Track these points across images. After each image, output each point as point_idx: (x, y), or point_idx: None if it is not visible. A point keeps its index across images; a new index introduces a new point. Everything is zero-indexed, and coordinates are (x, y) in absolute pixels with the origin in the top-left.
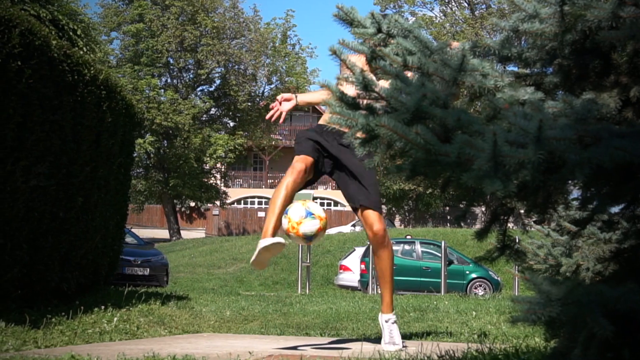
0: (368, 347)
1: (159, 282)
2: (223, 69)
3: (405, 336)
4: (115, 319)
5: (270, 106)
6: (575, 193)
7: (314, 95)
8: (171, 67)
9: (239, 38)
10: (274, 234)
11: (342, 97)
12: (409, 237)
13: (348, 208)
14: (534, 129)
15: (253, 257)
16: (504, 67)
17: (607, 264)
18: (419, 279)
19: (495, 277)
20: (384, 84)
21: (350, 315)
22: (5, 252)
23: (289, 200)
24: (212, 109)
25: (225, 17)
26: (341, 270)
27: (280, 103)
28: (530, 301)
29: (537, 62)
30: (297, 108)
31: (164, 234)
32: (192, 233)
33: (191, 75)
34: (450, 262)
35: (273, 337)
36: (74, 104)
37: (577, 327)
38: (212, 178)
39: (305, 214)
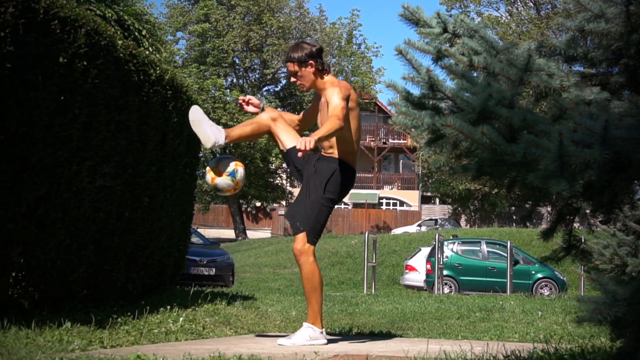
0: (434, 347)
1: (225, 282)
2: None
3: (471, 336)
4: (181, 319)
5: (240, 99)
6: None
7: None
8: (237, 67)
9: (305, 38)
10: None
11: (407, 97)
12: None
13: (414, 208)
14: (600, 128)
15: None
16: (570, 67)
17: None
18: (484, 279)
19: (561, 277)
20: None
21: (416, 315)
22: (71, 252)
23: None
24: (278, 109)
25: (291, 17)
26: (407, 270)
27: (247, 103)
28: (596, 301)
29: (603, 62)
30: (361, 108)
31: (229, 233)
32: (257, 233)
33: (257, 75)
34: (516, 262)
35: (338, 337)
36: (139, 104)
37: None
38: (278, 178)
39: (231, 178)
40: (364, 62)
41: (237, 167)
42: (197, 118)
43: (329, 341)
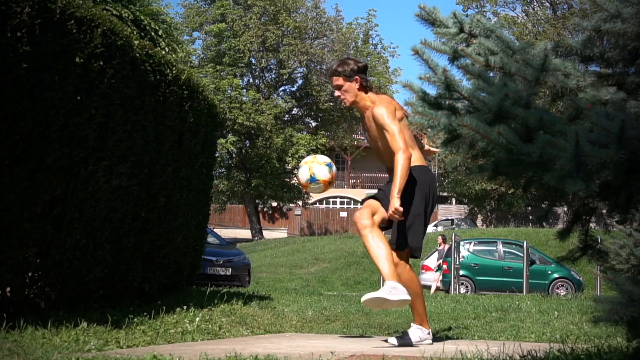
0: (450, 347)
1: (241, 282)
2: (305, 69)
3: (487, 336)
4: (197, 319)
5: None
6: None
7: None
8: (253, 67)
9: (321, 38)
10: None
11: (424, 97)
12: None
13: None
14: (616, 129)
15: (372, 298)
16: (586, 67)
17: None
18: (501, 278)
19: (578, 277)
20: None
21: (433, 315)
22: (87, 252)
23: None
24: (294, 109)
25: (307, 17)
26: (423, 270)
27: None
28: (612, 301)
29: (619, 62)
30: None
31: (246, 234)
32: (274, 233)
33: (273, 75)
34: (533, 262)
35: (355, 337)
36: (156, 104)
37: None
38: (294, 178)
39: (309, 179)
40: (381, 62)
41: (310, 169)
42: (378, 302)
43: (346, 340)
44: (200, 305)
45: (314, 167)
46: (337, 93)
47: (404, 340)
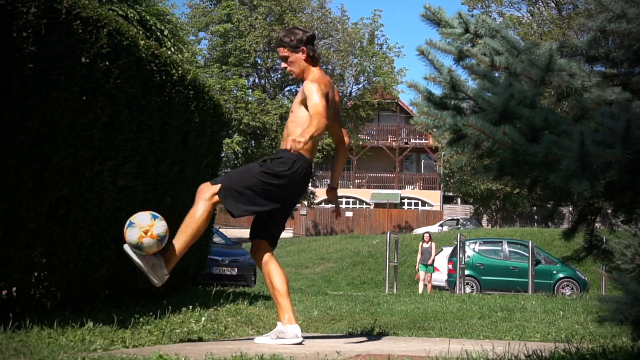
0: (455, 347)
1: (247, 282)
2: None
3: (492, 335)
4: (203, 318)
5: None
6: None
7: (335, 172)
8: (259, 67)
9: (327, 38)
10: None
11: (429, 97)
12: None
13: (436, 208)
14: (622, 128)
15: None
16: (591, 67)
17: None
18: (506, 278)
19: (583, 277)
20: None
21: (438, 315)
22: (93, 252)
23: None
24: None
25: (313, 17)
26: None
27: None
28: (617, 301)
29: (625, 62)
30: (383, 108)
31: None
32: None
33: (279, 75)
34: (538, 262)
35: (360, 337)
36: (161, 104)
37: None
38: None
39: (152, 217)
40: (386, 63)
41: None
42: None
43: (346, 343)
44: (206, 305)
45: (154, 230)
46: (283, 65)
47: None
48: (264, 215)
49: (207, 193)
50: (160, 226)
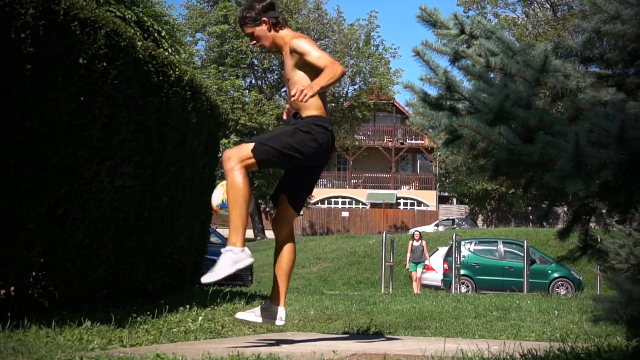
0: (451, 346)
1: (244, 282)
2: None
3: (487, 335)
4: (200, 318)
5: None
6: None
7: (322, 80)
8: (255, 68)
9: (323, 39)
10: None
11: (425, 98)
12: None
13: (431, 208)
14: (616, 129)
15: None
16: (586, 68)
17: None
18: (501, 278)
19: (577, 277)
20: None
21: (434, 314)
22: (91, 252)
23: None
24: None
25: (309, 18)
26: (424, 270)
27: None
28: (612, 300)
29: (619, 63)
30: (379, 109)
31: (248, 233)
32: None
33: (275, 76)
34: (533, 262)
35: (357, 336)
36: (159, 104)
37: None
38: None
39: (220, 204)
40: (382, 64)
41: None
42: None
43: (343, 343)
44: (203, 304)
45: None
46: (252, 42)
47: (214, 273)
48: (293, 176)
49: (234, 159)
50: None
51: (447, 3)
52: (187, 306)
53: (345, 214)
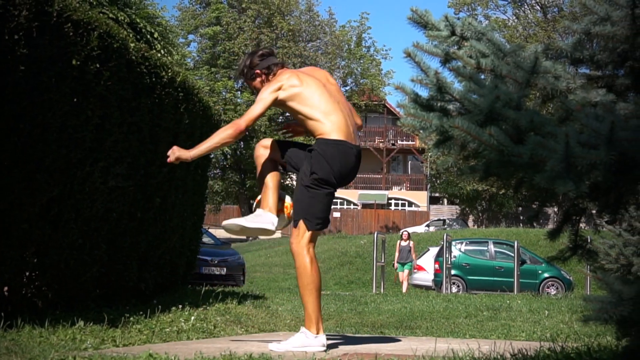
0: (442, 346)
1: (236, 282)
2: None
3: (478, 335)
4: (192, 318)
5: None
6: None
7: (204, 145)
8: None
9: (315, 41)
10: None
11: (416, 99)
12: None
13: (422, 209)
14: (606, 130)
15: (240, 224)
16: (576, 69)
17: None
18: (492, 278)
19: (568, 277)
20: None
21: (425, 314)
22: (84, 252)
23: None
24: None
25: (301, 20)
26: (415, 270)
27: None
28: (602, 300)
29: (609, 64)
30: (370, 110)
31: None
32: None
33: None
34: (523, 262)
35: (348, 336)
36: (151, 105)
37: None
38: (288, 179)
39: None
40: (373, 65)
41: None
42: (236, 227)
43: (334, 342)
44: (195, 304)
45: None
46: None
47: (281, 346)
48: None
49: (298, 244)
50: None
51: (438, 5)
52: (180, 306)
53: (336, 214)
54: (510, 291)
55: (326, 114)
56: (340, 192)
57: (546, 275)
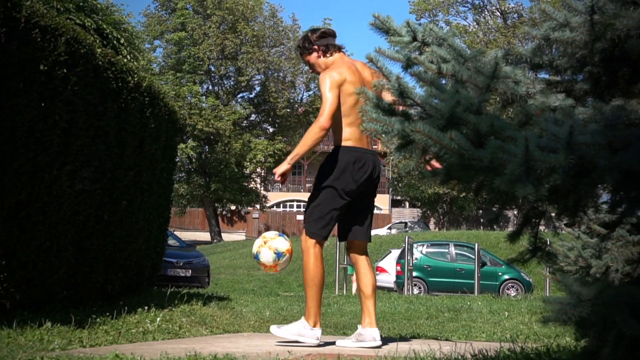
0: (403, 347)
1: (201, 283)
2: (263, 76)
3: (440, 336)
4: (158, 319)
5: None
6: (605, 197)
7: (296, 148)
8: (212, 74)
9: (278, 46)
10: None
11: (378, 104)
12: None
13: (384, 211)
14: (565, 134)
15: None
16: (536, 75)
17: (635, 265)
18: (453, 280)
19: (527, 279)
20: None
21: (386, 315)
22: (51, 254)
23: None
24: (252, 115)
25: (265, 25)
26: (377, 272)
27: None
28: (561, 302)
29: (568, 70)
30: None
31: (205, 236)
32: (232, 235)
33: (232, 83)
34: (484, 264)
35: None
36: (118, 110)
37: (607, 327)
38: (252, 182)
39: (275, 257)
40: None
41: (286, 253)
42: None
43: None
44: (161, 305)
45: (273, 243)
46: (311, 71)
47: (280, 330)
48: (347, 214)
49: (306, 241)
50: (280, 242)
51: (400, 11)
52: (146, 307)
53: (300, 217)
54: (470, 293)
55: (350, 119)
56: (303, 195)
57: (506, 277)
